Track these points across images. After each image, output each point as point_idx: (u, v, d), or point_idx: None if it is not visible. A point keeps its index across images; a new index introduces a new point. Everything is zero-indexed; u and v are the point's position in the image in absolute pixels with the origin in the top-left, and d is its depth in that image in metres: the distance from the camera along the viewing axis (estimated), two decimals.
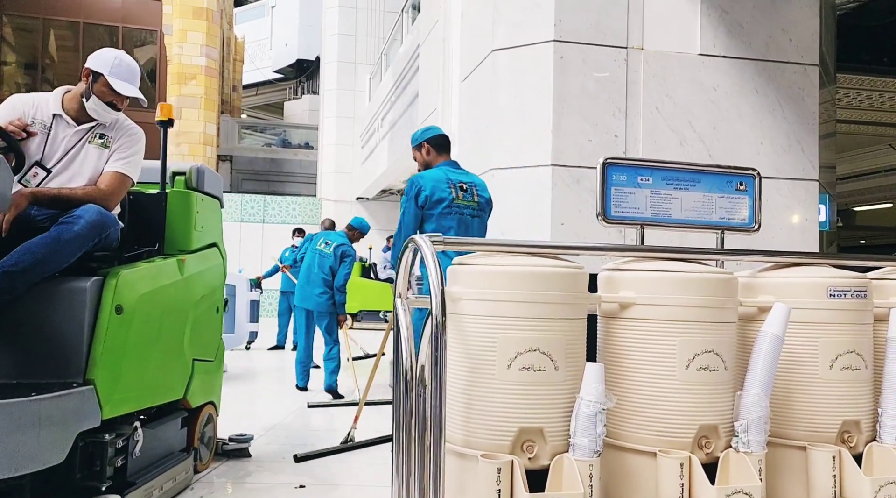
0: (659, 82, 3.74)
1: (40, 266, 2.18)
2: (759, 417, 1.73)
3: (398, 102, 11.33)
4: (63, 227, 2.25)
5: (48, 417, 1.97)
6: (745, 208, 2.21)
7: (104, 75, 2.53)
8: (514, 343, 1.69)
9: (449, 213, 3.23)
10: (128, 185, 2.64)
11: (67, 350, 2.19)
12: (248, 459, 3.42)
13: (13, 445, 1.89)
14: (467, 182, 3.34)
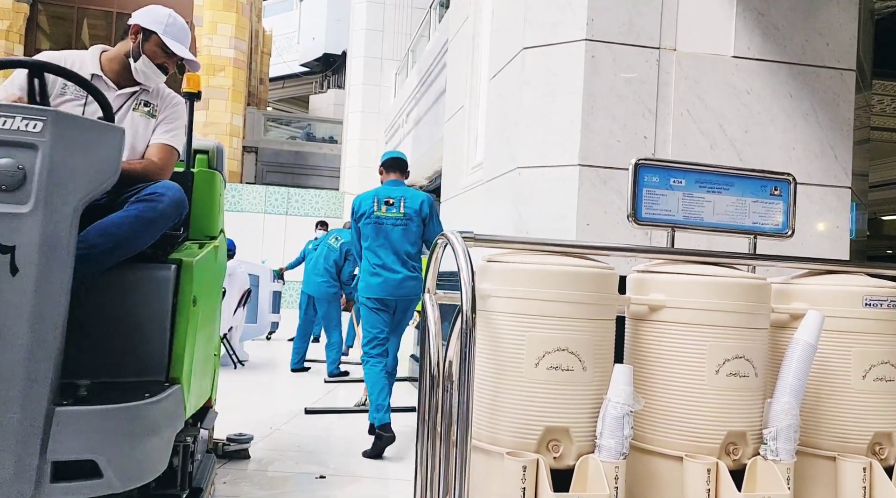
0: (691, 84, 3.70)
1: (120, 249, 1.93)
2: (789, 425, 1.71)
3: (423, 99, 11.34)
4: (146, 206, 2.00)
5: (158, 420, 1.82)
6: (779, 214, 2.18)
7: (157, 34, 2.31)
8: (543, 342, 1.68)
9: (369, 222, 3.96)
10: (175, 159, 2.41)
11: (149, 345, 2.00)
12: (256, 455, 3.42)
13: (140, 451, 1.75)
14: (396, 197, 3.99)
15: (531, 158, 3.85)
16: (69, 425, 1.61)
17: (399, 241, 3.97)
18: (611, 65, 3.65)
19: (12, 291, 1.56)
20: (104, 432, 1.67)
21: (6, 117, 1.59)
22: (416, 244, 4.09)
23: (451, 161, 5.93)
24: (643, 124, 3.66)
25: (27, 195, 1.58)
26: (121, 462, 1.68)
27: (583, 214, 3.66)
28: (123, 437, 1.71)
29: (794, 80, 3.77)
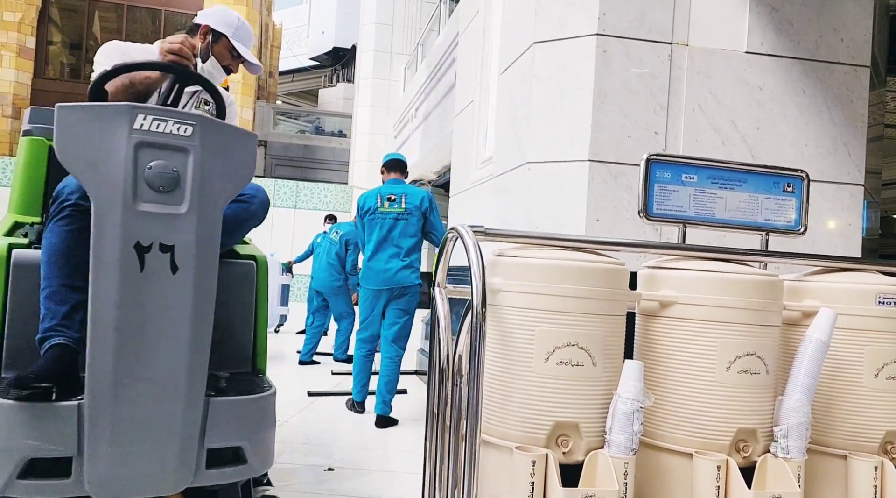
0: (703, 79, 3.68)
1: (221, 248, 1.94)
2: (800, 422, 1.70)
3: (432, 94, 11.32)
4: (239, 207, 2.06)
5: (275, 410, 1.93)
6: (792, 210, 2.17)
7: (227, 37, 2.35)
8: (553, 337, 1.68)
9: (373, 218, 4.36)
10: None
11: (237, 338, 2.10)
12: None
13: (270, 438, 1.87)
14: (397, 193, 4.40)
15: (541, 153, 3.84)
16: (221, 415, 1.73)
17: (399, 234, 4.37)
18: (622, 60, 3.63)
19: (174, 289, 1.64)
20: (248, 421, 1.81)
21: (160, 121, 1.65)
22: (416, 236, 4.44)
23: (461, 156, 5.92)
24: (654, 120, 3.64)
25: (181, 197, 1.67)
26: (259, 448, 1.82)
27: (592, 210, 3.65)
28: (261, 425, 1.84)
29: (808, 77, 3.74)
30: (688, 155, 3.56)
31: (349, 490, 2.79)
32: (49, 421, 1.57)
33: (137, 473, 1.61)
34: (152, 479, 1.64)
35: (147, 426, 1.62)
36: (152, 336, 1.62)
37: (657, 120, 3.65)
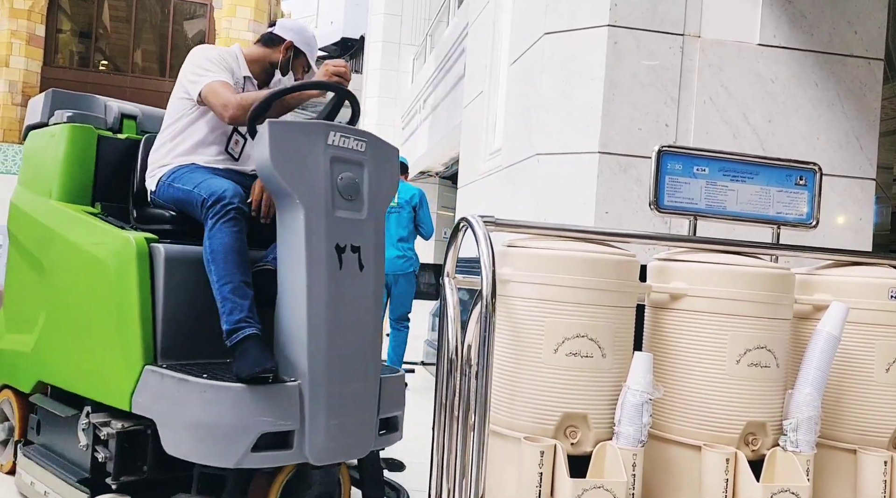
0: (715, 72, 3.65)
1: None
2: (810, 416, 1.70)
3: (441, 85, 11.30)
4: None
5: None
6: (804, 204, 2.15)
7: (307, 56, 2.51)
8: (563, 328, 1.68)
9: None
10: None
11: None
12: None
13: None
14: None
15: (550, 145, 3.83)
16: (387, 389, 2.04)
17: (394, 226, 4.96)
18: (633, 51, 3.61)
19: (362, 285, 1.92)
20: (400, 394, 2.17)
21: (344, 137, 1.94)
22: (408, 228, 5.02)
23: (469, 147, 5.91)
24: (665, 112, 3.62)
25: (361, 204, 1.95)
26: (402, 418, 2.18)
27: (602, 202, 3.64)
28: (403, 397, 2.20)
29: (821, 69, 3.71)
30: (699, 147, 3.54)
31: None
32: (277, 401, 1.79)
33: (344, 441, 1.89)
34: (354, 445, 1.93)
35: (351, 400, 1.90)
36: (350, 324, 1.89)
37: (668, 112, 3.63)
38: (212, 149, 2.34)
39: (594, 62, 3.63)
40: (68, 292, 2.24)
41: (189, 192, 2.13)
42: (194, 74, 2.27)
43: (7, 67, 17.39)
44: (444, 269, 1.89)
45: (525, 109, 4.14)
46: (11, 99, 17.40)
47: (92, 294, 2.13)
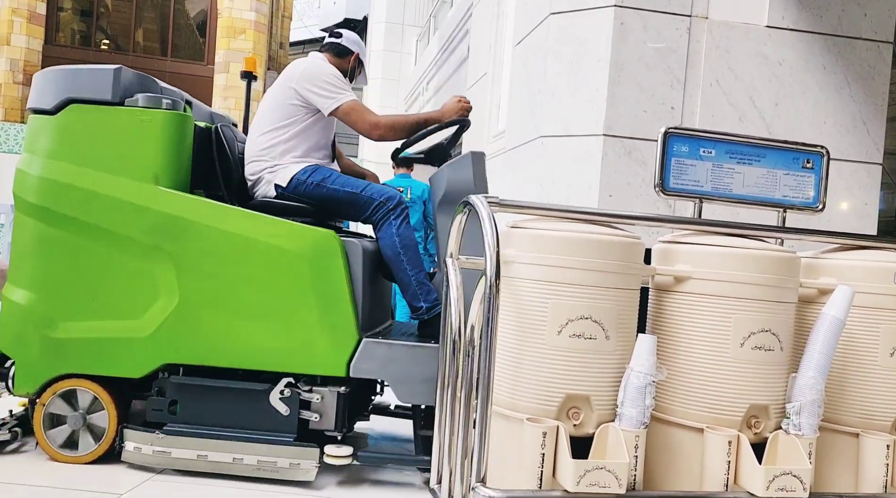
0: (721, 54, 3.61)
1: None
2: (813, 400, 1.70)
3: (444, 67, 11.22)
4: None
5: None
6: (811, 187, 2.14)
7: (364, 66, 2.96)
8: (567, 310, 1.67)
9: None
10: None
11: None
12: None
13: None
14: (405, 186, 5.15)
15: (555, 127, 3.80)
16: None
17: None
18: (640, 32, 3.57)
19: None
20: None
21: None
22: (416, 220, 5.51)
23: (472, 129, 5.87)
24: (671, 94, 3.59)
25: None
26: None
27: (606, 185, 3.62)
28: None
29: (829, 52, 3.67)
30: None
31: None
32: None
33: None
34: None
35: None
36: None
37: (674, 94, 3.60)
38: (322, 152, 2.75)
39: (600, 43, 3.59)
40: (236, 279, 2.43)
41: (355, 194, 2.57)
42: (326, 91, 2.61)
43: (8, 46, 17.28)
44: (446, 249, 1.88)
45: (529, 91, 4.11)
46: (13, 77, 17.31)
47: (278, 281, 2.41)
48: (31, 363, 2.48)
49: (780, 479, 1.62)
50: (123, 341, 2.46)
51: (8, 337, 2.50)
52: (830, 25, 3.66)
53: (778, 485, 1.62)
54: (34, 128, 2.54)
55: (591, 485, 1.56)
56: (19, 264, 2.53)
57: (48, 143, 2.51)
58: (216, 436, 2.39)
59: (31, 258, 2.51)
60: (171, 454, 2.38)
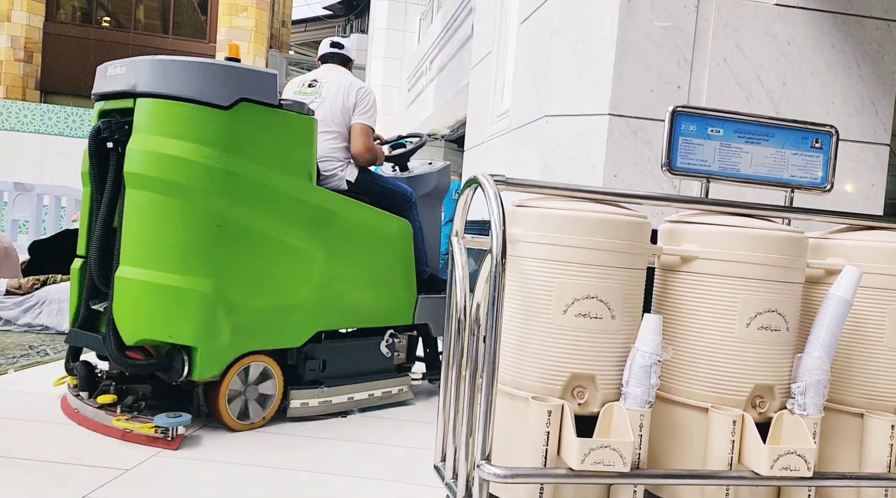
0: (729, 32, 3.57)
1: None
2: (819, 380, 1.69)
3: (448, 46, 11.12)
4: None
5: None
6: (819, 167, 2.12)
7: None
8: (572, 289, 1.67)
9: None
10: None
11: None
12: None
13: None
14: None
15: (560, 107, 3.77)
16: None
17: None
18: (647, 10, 3.52)
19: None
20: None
21: None
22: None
23: (476, 109, 5.84)
24: (678, 73, 3.55)
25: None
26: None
27: (611, 165, 3.59)
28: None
29: (838, 31, 3.62)
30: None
31: (362, 436, 2.83)
32: None
33: None
34: None
35: None
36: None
37: (681, 74, 3.56)
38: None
39: (606, 22, 3.55)
40: (361, 258, 3.11)
41: (395, 190, 3.43)
42: (370, 110, 3.40)
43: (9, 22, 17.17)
44: (451, 228, 1.87)
45: (534, 70, 4.07)
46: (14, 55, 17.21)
47: (382, 257, 3.21)
48: (216, 348, 2.59)
49: (784, 458, 1.63)
50: (288, 316, 2.84)
51: (186, 326, 2.53)
52: (840, 3, 3.61)
53: (782, 464, 1.62)
54: (204, 119, 2.57)
55: (596, 463, 1.57)
56: (183, 252, 2.55)
57: (221, 137, 2.59)
58: (353, 381, 3.10)
59: (206, 246, 2.57)
60: (332, 401, 3.02)
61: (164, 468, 2.32)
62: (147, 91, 2.57)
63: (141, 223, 2.56)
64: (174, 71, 2.57)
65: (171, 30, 18.97)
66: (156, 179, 2.53)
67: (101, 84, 2.75)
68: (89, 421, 2.63)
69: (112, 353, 2.55)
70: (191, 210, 2.55)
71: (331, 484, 2.30)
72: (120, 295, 2.54)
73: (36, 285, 4.75)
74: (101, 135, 2.62)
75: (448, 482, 1.77)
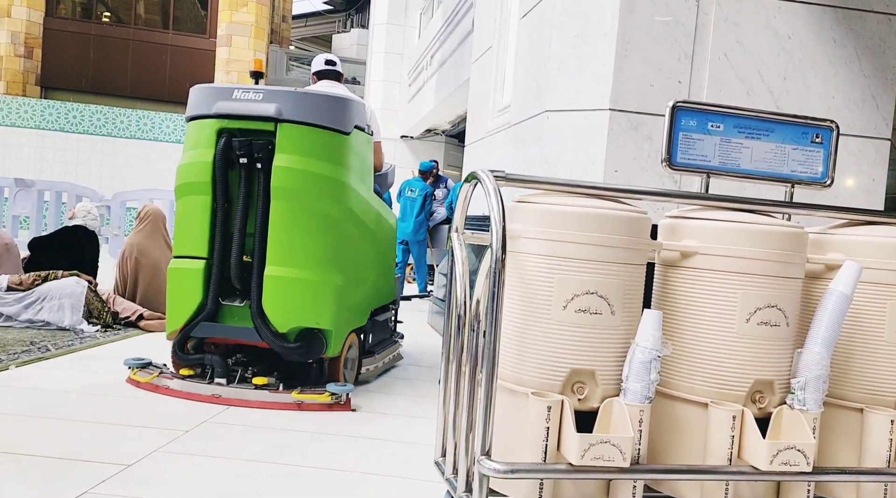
0: (730, 27, 3.56)
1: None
2: (819, 375, 1.69)
3: (448, 41, 11.09)
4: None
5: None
6: (819, 162, 2.11)
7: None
8: (572, 285, 1.67)
9: (405, 199, 8.53)
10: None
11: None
12: None
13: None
14: (414, 187, 8.54)
15: (560, 102, 3.76)
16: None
17: (416, 208, 8.42)
18: (648, 5, 3.52)
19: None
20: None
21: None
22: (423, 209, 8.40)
23: (477, 104, 5.83)
24: (678, 68, 3.55)
25: None
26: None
27: (611, 160, 3.59)
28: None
29: (839, 25, 3.61)
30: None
31: (366, 433, 2.84)
32: None
33: None
34: None
35: None
36: None
37: (681, 68, 3.56)
38: None
39: (606, 16, 3.54)
40: (386, 249, 3.94)
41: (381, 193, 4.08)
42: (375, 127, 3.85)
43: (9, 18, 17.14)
44: (451, 224, 1.87)
45: (535, 65, 4.07)
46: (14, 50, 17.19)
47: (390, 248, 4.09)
48: (341, 330, 3.27)
49: (783, 453, 1.63)
50: (363, 300, 3.57)
51: (326, 314, 3.16)
52: None
53: (782, 459, 1.63)
54: (335, 143, 3.22)
55: (596, 458, 1.57)
56: (322, 252, 3.18)
57: (345, 157, 3.26)
58: (382, 349, 3.96)
59: (335, 247, 3.23)
60: (378, 365, 3.85)
61: (164, 463, 2.33)
62: (290, 118, 3.08)
63: (288, 229, 3.11)
64: (311, 101, 3.17)
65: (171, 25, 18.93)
66: (301, 192, 3.10)
67: (229, 106, 3.13)
68: (247, 401, 3.10)
69: (270, 340, 3.11)
70: (327, 218, 3.17)
71: (330, 480, 2.31)
72: (270, 291, 3.09)
73: (37, 281, 4.75)
74: (235, 153, 3.10)
75: (448, 477, 1.78)
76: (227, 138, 3.10)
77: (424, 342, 5.09)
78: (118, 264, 5.39)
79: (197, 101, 3.23)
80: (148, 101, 18.04)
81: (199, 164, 3.14)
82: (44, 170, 15.43)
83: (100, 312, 4.77)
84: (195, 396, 3.13)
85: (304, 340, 3.13)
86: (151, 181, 15.02)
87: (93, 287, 4.87)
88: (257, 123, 3.09)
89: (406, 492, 2.27)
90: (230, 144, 3.08)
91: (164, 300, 5.16)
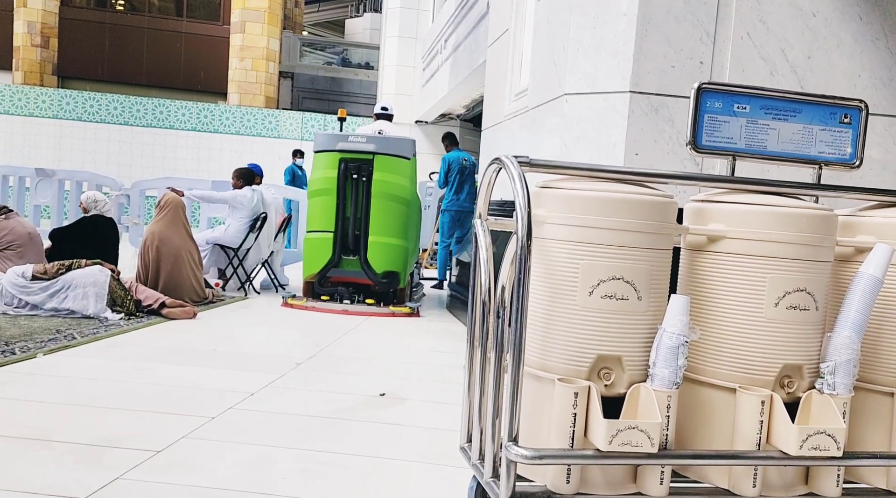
0: (753, 5, 3.50)
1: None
2: (849, 359, 1.68)
3: (462, 24, 11.00)
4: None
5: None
6: (848, 143, 2.08)
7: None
8: (598, 270, 1.66)
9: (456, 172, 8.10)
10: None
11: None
12: (317, 365, 3.53)
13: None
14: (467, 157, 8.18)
15: (579, 84, 3.73)
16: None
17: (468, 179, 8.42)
18: None
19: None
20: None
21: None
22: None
23: (494, 88, 5.78)
24: (700, 49, 3.49)
25: None
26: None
27: (632, 144, 3.56)
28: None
29: (865, 2, 3.54)
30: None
31: (385, 418, 2.86)
32: None
33: None
34: None
35: None
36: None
37: (703, 49, 3.50)
38: None
39: None
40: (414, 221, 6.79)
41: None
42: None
43: (25, 7, 17.24)
44: (475, 210, 1.87)
45: (553, 47, 4.02)
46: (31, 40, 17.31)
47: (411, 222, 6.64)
48: (405, 272, 6.14)
49: (813, 438, 1.62)
50: (412, 256, 6.32)
51: (401, 263, 6.00)
52: None
53: (812, 444, 1.62)
54: (404, 165, 6.05)
55: (624, 444, 1.57)
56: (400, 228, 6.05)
57: (411, 173, 6.21)
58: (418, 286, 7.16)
59: (406, 225, 6.08)
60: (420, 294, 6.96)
61: (193, 449, 2.36)
62: (381, 152, 5.93)
63: (382, 215, 5.93)
64: (392, 142, 6.08)
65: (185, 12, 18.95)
66: (389, 195, 5.95)
67: (346, 145, 5.92)
68: (362, 313, 5.80)
69: (372, 277, 5.90)
70: (400, 208, 6.02)
71: (354, 465, 2.33)
72: (372, 249, 5.90)
73: (61, 270, 4.81)
74: (352, 172, 5.87)
75: (475, 463, 1.78)
76: (345, 164, 5.83)
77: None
78: (140, 253, 5.45)
79: (323, 142, 5.98)
80: (163, 89, 18.12)
81: (328, 179, 5.89)
82: (62, 159, 15.58)
83: (123, 301, 4.83)
84: (331, 310, 5.74)
85: (389, 278, 5.90)
86: (168, 169, 15.12)
87: (116, 275, 4.92)
88: (363, 155, 5.89)
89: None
90: (347, 167, 5.83)
91: (185, 288, 5.30)
